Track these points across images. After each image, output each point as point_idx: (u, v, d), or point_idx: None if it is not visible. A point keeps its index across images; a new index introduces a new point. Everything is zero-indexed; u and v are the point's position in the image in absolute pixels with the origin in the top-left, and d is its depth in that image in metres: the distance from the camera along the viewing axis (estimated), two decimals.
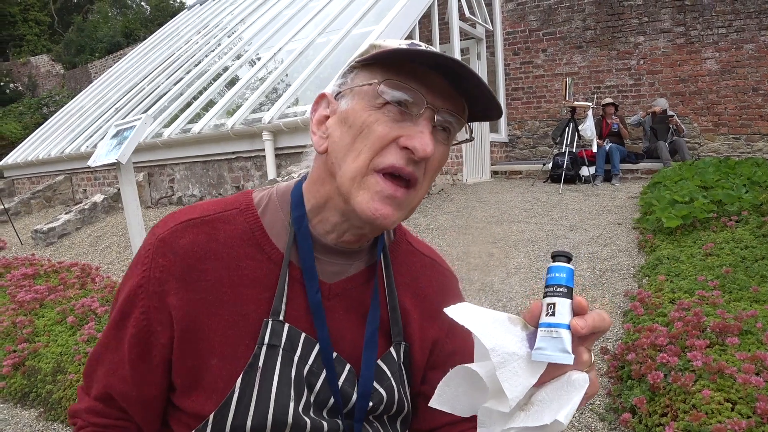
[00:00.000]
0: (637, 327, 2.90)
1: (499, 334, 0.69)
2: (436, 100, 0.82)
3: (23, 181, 11.97)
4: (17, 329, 4.03)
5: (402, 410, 0.98)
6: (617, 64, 9.84)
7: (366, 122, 0.82)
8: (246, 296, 0.88)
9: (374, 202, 0.83)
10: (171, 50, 12.07)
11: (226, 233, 0.90)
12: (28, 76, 22.07)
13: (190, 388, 0.88)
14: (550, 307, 0.68)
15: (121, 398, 0.93)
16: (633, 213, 6.00)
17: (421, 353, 1.01)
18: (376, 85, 0.82)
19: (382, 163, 0.82)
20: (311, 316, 0.90)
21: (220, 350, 0.86)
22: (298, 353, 0.87)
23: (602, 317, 0.69)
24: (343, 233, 0.91)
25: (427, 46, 0.85)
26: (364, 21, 7.73)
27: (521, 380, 0.68)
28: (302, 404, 0.86)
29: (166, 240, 0.89)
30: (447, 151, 0.88)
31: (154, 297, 0.87)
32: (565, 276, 0.70)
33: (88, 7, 29.73)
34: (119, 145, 4.06)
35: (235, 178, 7.17)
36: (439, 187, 8.24)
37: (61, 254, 6.78)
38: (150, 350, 0.88)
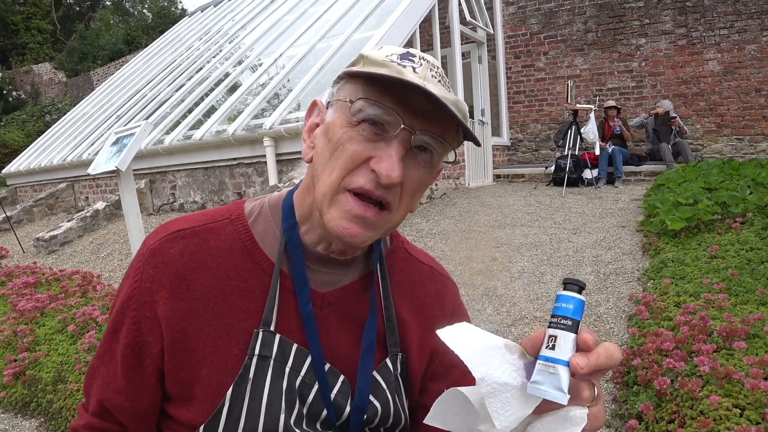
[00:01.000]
0: (642, 331, 2.87)
1: (492, 362, 0.66)
2: (416, 121, 0.79)
3: (26, 189, 11.98)
4: (18, 338, 4.01)
5: (399, 423, 0.95)
6: (619, 67, 9.82)
7: (341, 139, 0.80)
8: (236, 306, 0.87)
9: (343, 221, 0.81)
10: (173, 57, 12.09)
11: (217, 243, 0.89)
12: (30, 84, 22.13)
13: (183, 399, 0.87)
14: (552, 339, 0.64)
15: (116, 411, 0.91)
16: (637, 215, 5.97)
17: (419, 364, 0.98)
18: (353, 101, 0.80)
19: (353, 183, 0.80)
20: (303, 326, 0.88)
21: (211, 361, 0.85)
22: (289, 364, 0.86)
23: (609, 354, 0.65)
24: (329, 245, 0.90)
25: (422, 56, 0.83)
26: (364, 26, 7.72)
27: (513, 410, 0.65)
28: (294, 416, 0.84)
29: (156, 250, 0.88)
30: (428, 173, 0.85)
31: (144, 307, 0.86)
32: (572, 308, 0.65)
33: (90, 15, 29.85)
34: (119, 152, 4.05)
35: (237, 184, 7.15)
36: (442, 191, 8.22)
37: (63, 262, 6.77)
38: (142, 361, 0.87)
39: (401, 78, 0.75)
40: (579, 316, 0.65)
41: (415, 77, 0.76)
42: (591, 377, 0.66)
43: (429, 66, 0.81)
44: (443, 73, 0.84)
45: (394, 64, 0.78)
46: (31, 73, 22.68)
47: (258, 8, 11.45)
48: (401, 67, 0.78)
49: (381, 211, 0.82)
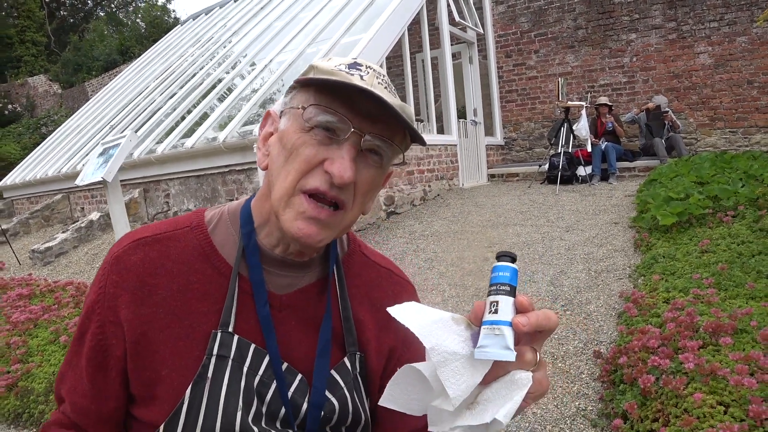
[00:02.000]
0: (630, 329, 2.85)
1: (441, 334, 0.69)
2: (364, 124, 0.82)
3: (22, 201, 11.98)
4: (11, 350, 4.02)
5: (359, 421, 0.97)
6: (610, 62, 9.82)
7: (295, 144, 0.84)
8: (196, 309, 0.89)
9: (298, 221, 0.84)
10: (165, 65, 12.09)
11: (177, 250, 0.93)
12: (26, 97, 22.11)
13: (146, 399, 0.89)
14: (493, 305, 0.68)
15: (82, 415, 0.93)
16: (630, 212, 5.96)
17: (377, 362, 1.01)
18: (305, 107, 0.83)
19: (307, 185, 0.83)
20: (261, 327, 0.91)
21: (171, 362, 0.87)
22: (247, 364, 0.88)
23: (547, 316, 0.69)
24: (287, 246, 0.92)
25: (369, 65, 0.86)
26: (352, 30, 7.71)
27: (464, 379, 0.68)
28: (252, 414, 0.86)
29: (120, 257, 0.91)
30: (378, 173, 0.88)
31: (108, 311, 0.89)
32: (508, 275, 0.70)
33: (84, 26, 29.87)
34: (105, 163, 4.04)
35: (229, 191, 7.14)
36: (435, 192, 8.21)
37: (59, 273, 6.76)
38: (107, 363, 0.90)
39: (349, 83, 0.78)
40: (515, 282, 0.70)
41: (362, 83, 0.80)
42: (532, 342, 0.71)
43: (375, 74, 0.84)
44: (389, 81, 0.88)
45: (343, 73, 0.82)
46: (26, 85, 22.66)
47: (249, 15, 11.46)
48: (349, 75, 0.82)
49: (335, 211, 0.85)
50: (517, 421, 2.54)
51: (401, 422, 0.99)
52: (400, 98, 0.86)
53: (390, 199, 7.15)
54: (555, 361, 3.03)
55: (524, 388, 0.67)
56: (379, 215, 6.94)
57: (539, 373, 0.71)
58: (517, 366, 0.69)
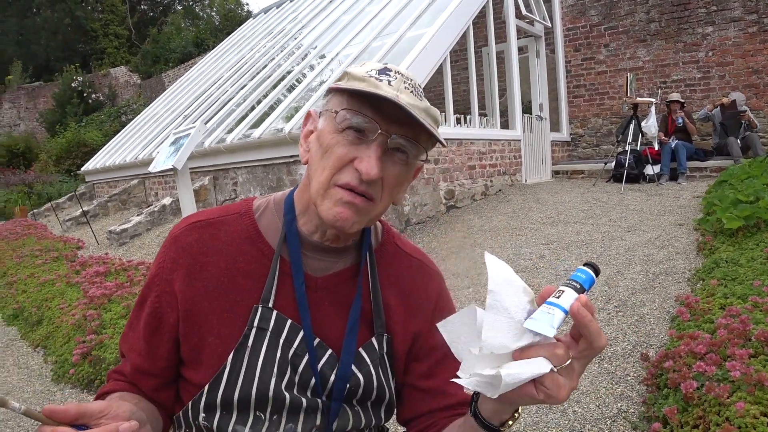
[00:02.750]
0: (680, 333, 2.82)
1: (507, 290, 0.75)
2: (391, 126, 0.91)
3: (102, 185, 12.68)
4: (87, 322, 4.36)
5: (383, 397, 1.06)
6: (684, 57, 9.44)
7: (330, 143, 0.93)
8: (241, 286, 1.01)
9: (336, 207, 0.93)
10: (237, 57, 12.48)
11: (227, 233, 1.05)
12: (108, 87, 23.28)
13: (193, 362, 1.02)
14: (560, 292, 0.74)
15: (135, 369, 1.07)
16: (696, 213, 5.78)
17: (402, 345, 1.09)
18: (338, 111, 0.93)
19: (340, 180, 0.93)
20: (297, 305, 1.02)
21: (217, 330, 1.00)
22: (283, 337, 0.99)
23: (599, 331, 0.73)
24: (324, 233, 1.03)
25: (398, 70, 0.95)
26: (417, 24, 7.76)
27: (501, 335, 0.73)
28: (285, 382, 0.97)
29: (177, 237, 1.06)
30: (404, 169, 0.97)
31: (165, 283, 1.03)
32: (584, 278, 0.75)
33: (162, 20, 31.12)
34: (176, 152, 4.28)
35: (294, 181, 7.35)
36: (497, 187, 8.18)
37: (132, 253, 7.18)
38: (161, 327, 1.04)
39: (376, 92, 0.87)
40: (587, 287, 0.75)
41: (390, 89, 0.89)
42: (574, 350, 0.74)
43: (403, 79, 0.93)
44: (416, 84, 0.96)
45: (372, 79, 0.91)
46: (108, 76, 23.86)
47: (318, 8, 11.66)
48: (378, 81, 0.90)
49: (366, 200, 0.94)
50: (557, 418, 2.57)
51: (423, 402, 1.10)
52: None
53: (450, 193, 7.18)
54: (601, 362, 3.03)
55: (537, 370, 0.72)
56: (438, 209, 6.99)
57: (563, 380, 0.74)
58: (547, 355, 0.73)
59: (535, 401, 0.76)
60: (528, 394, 0.75)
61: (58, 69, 25.34)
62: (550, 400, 0.75)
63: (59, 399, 3.70)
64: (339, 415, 1.01)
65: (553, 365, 0.73)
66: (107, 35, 28.21)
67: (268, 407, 0.97)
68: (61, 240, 8.50)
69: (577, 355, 0.75)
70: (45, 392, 3.86)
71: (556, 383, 0.73)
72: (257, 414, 0.97)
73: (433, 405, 1.08)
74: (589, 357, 0.75)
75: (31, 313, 5.36)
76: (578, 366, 0.75)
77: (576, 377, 0.75)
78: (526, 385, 0.74)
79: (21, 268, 7.05)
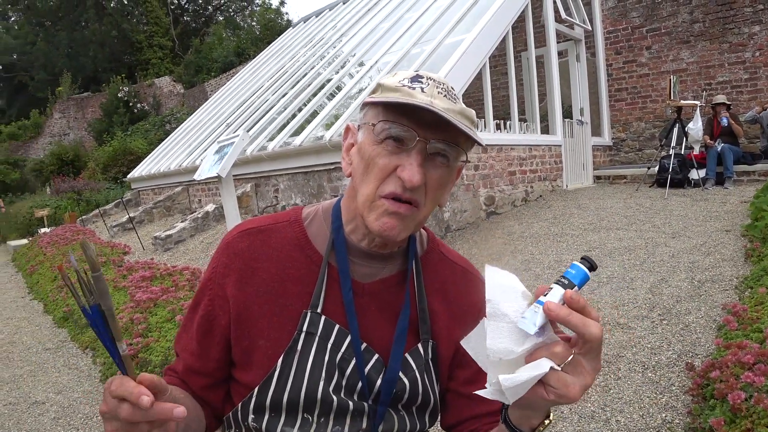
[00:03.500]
0: (727, 343, 2.76)
1: (504, 296, 0.78)
2: (428, 132, 0.93)
3: (147, 192, 13.04)
4: (134, 325, 4.49)
5: (428, 403, 1.09)
6: (730, 58, 9.21)
7: (371, 155, 0.97)
8: (290, 291, 1.05)
9: (383, 218, 0.96)
10: (278, 66, 12.68)
11: (277, 240, 1.09)
12: (153, 96, 23.94)
13: (244, 364, 1.06)
14: (549, 290, 0.76)
15: (187, 368, 1.11)
16: (744, 219, 5.63)
17: (447, 351, 1.12)
18: (375, 124, 0.96)
19: (385, 190, 0.96)
20: (345, 310, 1.05)
21: (267, 333, 1.04)
22: (331, 341, 1.02)
23: (584, 322, 0.73)
24: (372, 240, 1.06)
25: (429, 76, 0.97)
26: (456, 30, 7.78)
27: (505, 341, 0.76)
28: (333, 385, 1.01)
29: (230, 244, 1.10)
30: (446, 172, 0.99)
31: (218, 288, 1.07)
32: (574, 273, 0.77)
33: (204, 31, 31.85)
34: (220, 160, 4.40)
35: (334, 187, 7.44)
36: (537, 193, 8.12)
37: (177, 259, 7.35)
38: (212, 330, 1.08)
39: (410, 102, 0.91)
40: (576, 282, 0.76)
41: (423, 96, 0.92)
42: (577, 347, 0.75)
43: (435, 84, 0.95)
44: (449, 87, 0.98)
45: (405, 88, 0.94)
46: (153, 86, 24.54)
47: (357, 16, 11.78)
48: (411, 89, 0.94)
49: (411, 207, 0.97)
50: (599, 428, 2.55)
51: (467, 408, 1.12)
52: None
53: (490, 199, 7.16)
54: (645, 371, 2.99)
55: (537, 371, 0.73)
56: (478, 215, 6.98)
57: (570, 377, 0.75)
58: (547, 355, 0.75)
59: (549, 402, 0.77)
60: (539, 396, 0.76)
61: (105, 80, 26.18)
62: (561, 400, 0.76)
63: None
64: (384, 419, 1.04)
65: (554, 364, 0.74)
66: (152, 46, 29.05)
67: (316, 410, 1.00)
68: (108, 245, 8.76)
69: (579, 350, 0.75)
70: (94, 392, 3.99)
71: (562, 382, 0.74)
72: (305, 416, 1.00)
73: (476, 411, 1.10)
74: (591, 350, 0.75)
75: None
76: (586, 362, 0.76)
77: (588, 374, 0.76)
78: (536, 387, 0.75)
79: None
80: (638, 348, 3.25)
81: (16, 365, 4.74)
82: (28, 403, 3.88)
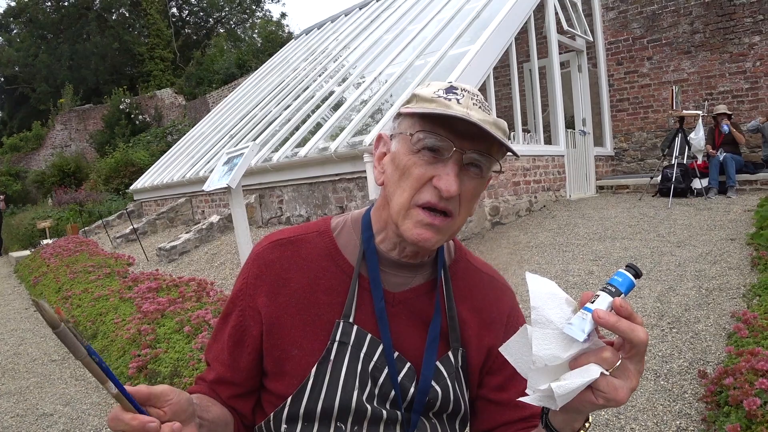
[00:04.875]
0: (739, 350, 2.77)
1: (549, 303, 0.79)
2: (464, 143, 0.95)
3: (150, 203, 13.06)
4: (141, 336, 4.49)
5: (459, 410, 1.09)
6: (730, 68, 9.27)
7: (407, 165, 0.98)
8: (322, 301, 1.06)
9: (417, 229, 0.97)
10: (280, 78, 12.75)
11: (307, 250, 1.11)
12: (154, 108, 24.01)
13: (277, 374, 1.06)
14: (595, 297, 0.77)
15: (218, 378, 1.12)
16: (748, 228, 5.65)
17: (477, 359, 1.12)
18: (412, 134, 0.98)
19: (421, 200, 0.97)
20: (377, 319, 1.06)
21: (300, 343, 1.04)
22: (364, 350, 1.03)
23: (632, 327, 0.75)
24: (403, 249, 1.07)
25: (463, 87, 0.99)
26: (459, 42, 7.84)
27: (551, 347, 0.77)
28: (366, 394, 1.01)
29: (261, 255, 1.11)
30: (481, 182, 1.01)
31: (249, 299, 1.09)
32: (621, 281, 0.79)
33: (206, 43, 32.00)
34: (230, 171, 4.42)
35: (339, 198, 7.47)
36: (541, 203, 8.14)
37: (182, 270, 7.35)
38: (244, 340, 1.09)
39: (447, 114, 0.92)
40: (623, 290, 0.78)
41: (459, 108, 0.94)
42: (625, 352, 0.77)
43: (470, 96, 0.97)
44: (482, 99, 1.00)
45: (441, 99, 0.95)
46: (154, 98, 24.61)
47: (359, 28, 11.86)
48: (447, 100, 0.95)
49: (446, 218, 0.98)
50: None
51: (498, 414, 1.12)
52: (505, 114, 1.00)
53: (495, 209, 7.19)
54: (657, 379, 2.99)
55: (587, 377, 0.75)
56: (483, 225, 6.99)
57: (618, 381, 0.76)
58: (595, 360, 0.76)
59: (597, 406, 0.78)
60: (588, 400, 0.78)
61: (106, 92, 26.26)
62: (610, 403, 0.77)
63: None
64: (417, 427, 1.04)
65: (603, 369, 0.76)
66: (153, 58, 29.19)
67: (350, 418, 1.00)
68: (112, 256, 8.77)
69: (626, 355, 0.77)
70: (102, 404, 3.99)
71: (612, 386, 0.76)
72: (338, 425, 1.00)
73: (507, 417, 1.11)
74: (637, 354, 0.77)
75: (86, 327, 5.54)
76: (632, 365, 0.78)
77: (633, 377, 0.78)
78: (585, 393, 0.77)
79: (75, 284, 7.29)
80: (649, 356, 3.26)
81: (22, 377, 4.73)
82: (35, 415, 3.88)
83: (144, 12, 29.62)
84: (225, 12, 35.19)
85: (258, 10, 36.03)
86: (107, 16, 31.05)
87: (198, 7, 34.95)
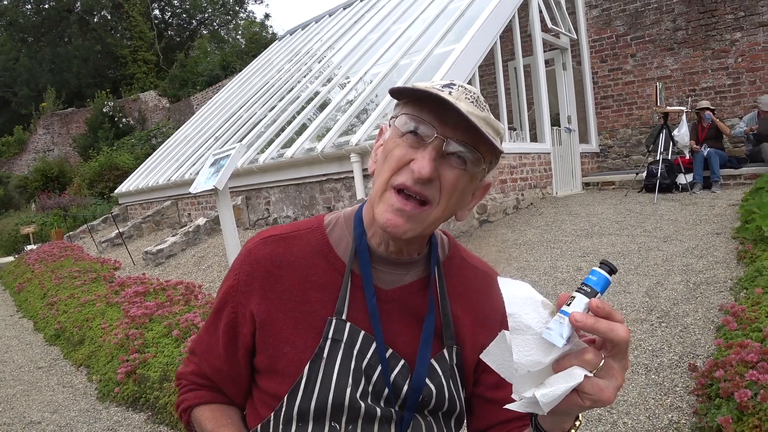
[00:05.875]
0: (728, 343, 2.80)
1: (525, 308, 0.77)
2: (447, 131, 0.94)
3: (135, 207, 12.95)
4: (130, 341, 4.44)
5: (454, 409, 1.08)
6: (713, 64, 9.36)
7: (391, 148, 0.98)
8: (314, 298, 1.05)
9: (387, 213, 0.97)
10: (265, 79, 12.70)
11: (300, 247, 1.10)
12: (138, 111, 23.82)
13: (269, 372, 1.06)
14: (571, 299, 0.76)
15: (214, 371, 1.14)
16: (733, 222, 5.71)
17: (472, 356, 1.11)
18: (397, 116, 0.99)
19: (396, 181, 0.96)
20: (369, 316, 1.05)
21: (293, 341, 1.03)
22: (357, 348, 1.02)
23: (611, 327, 0.73)
24: (388, 244, 1.05)
25: (461, 84, 0.98)
26: (444, 41, 7.84)
27: (532, 353, 0.76)
28: (359, 391, 1.00)
29: (252, 251, 1.10)
30: (462, 175, 0.97)
31: (241, 295, 1.08)
32: (596, 280, 0.77)
33: (189, 44, 31.80)
34: (216, 173, 4.39)
35: (326, 199, 7.45)
36: (528, 201, 8.17)
37: (169, 273, 7.30)
38: (237, 337, 1.09)
39: (429, 91, 0.92)
40: (599, 289, 0.76)
41: (448, 97, 0.92)
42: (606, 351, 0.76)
43: (464, 91, 0.96)
44: (478, 97, 0.98)
45: (434, 89, 0.94)
46: (138, 100, 24.42)
47: (343, 29, 11.84)
48: (440, 91, 0.94)
49: (421, 206, 0.96)
50: (607, 429, 2.57)
51: (494, 413, 1.11)
52: (491, 111, 0.98)
53: (482, 207, 7.20)
54: (648, 373, 3.01)
55: (572, 381, 0.74)
56: (471, 223, 7.01)
57: (603, 382, 0.75)
58: (578, 363, 0.75)
59: (585, 408, 0.78)
60: (575, 403, 0.76)
61: (89, 95, 26.03)
62: (597, 404, 0.77)
63: (105, 417, 3.78)
64: (411, 425, 1.03)
65: (587, 371, 0.75)
66: (136, 61, 28.94)
67: (344, 417, 0.99)
68: (98, 261, 8.69)
69: (608, 353, 0.76)
70: (91, 410, 3.94)
71: (597, 387, 0.75)
72: (332, 424, 0.99)
73: (503, 416, 1.09)
74: (620, 352, 0.76)
75: (73, 333, 5.48)
76: (616, 363, 0.77)
77: (618, 375, 0.77)
78: (571, 396, 0.75)
79: (61, 289, 7.22)
80: (639, 351, 3.28)
81: (9, 384, 4.67)
82: (23, 423, 3.82)
83: (126, 14, 29.33)
84: (208, 13, 35.01)
85: (241, 11, 35.93)
86: (89, 19, 30.77)
87: (180, 8, 34.73)
